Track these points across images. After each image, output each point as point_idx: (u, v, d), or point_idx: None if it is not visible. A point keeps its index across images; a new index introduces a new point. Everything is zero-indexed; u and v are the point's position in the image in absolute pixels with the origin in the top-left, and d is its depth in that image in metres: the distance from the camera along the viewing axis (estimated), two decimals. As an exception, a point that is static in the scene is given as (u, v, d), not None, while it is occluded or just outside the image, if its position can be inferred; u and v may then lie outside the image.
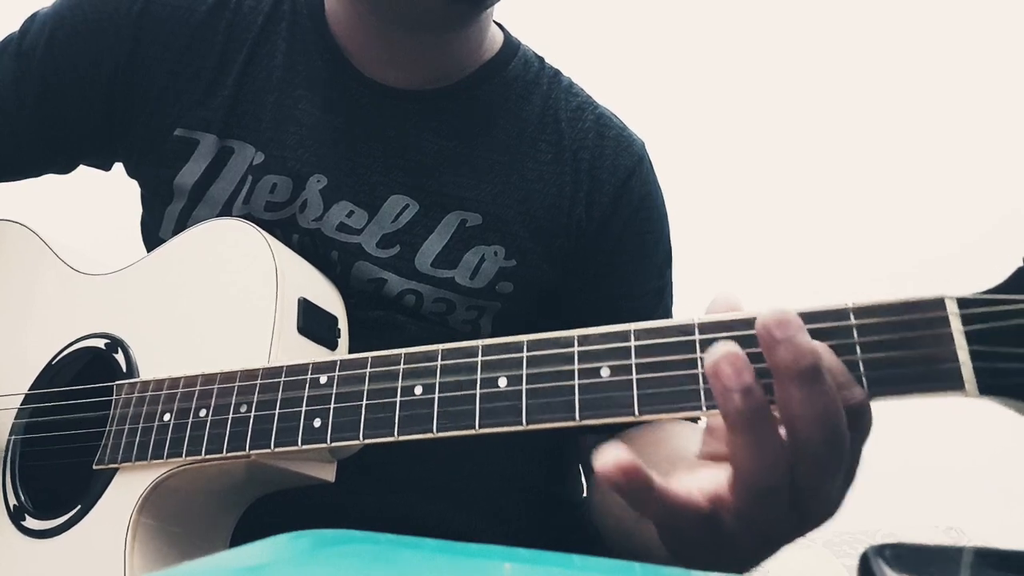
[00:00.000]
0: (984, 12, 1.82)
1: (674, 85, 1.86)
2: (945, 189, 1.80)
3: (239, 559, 0.37)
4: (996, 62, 1.82)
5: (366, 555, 0.36)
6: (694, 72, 1.89)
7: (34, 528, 0.61)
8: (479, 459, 0.70)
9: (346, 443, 0.50)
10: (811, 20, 1.89)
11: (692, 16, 1.91)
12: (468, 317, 0.72)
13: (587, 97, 0.78)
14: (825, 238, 1.83)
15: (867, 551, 0.32)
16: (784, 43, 1.89)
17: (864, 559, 0.32)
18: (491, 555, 0.34)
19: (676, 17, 1.90)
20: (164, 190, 0.72)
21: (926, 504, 1.59)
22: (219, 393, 0.56)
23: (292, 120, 0.71)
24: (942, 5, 1.84)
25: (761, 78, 1.88)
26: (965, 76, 1.83)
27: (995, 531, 1.34)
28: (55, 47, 0.73)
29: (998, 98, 1.81)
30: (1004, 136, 1.79)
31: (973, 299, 0.38)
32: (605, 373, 0.44)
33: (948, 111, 1.83)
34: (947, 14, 1.84)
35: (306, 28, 0.73)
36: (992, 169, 1.79)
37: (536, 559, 0.33)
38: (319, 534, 0.37)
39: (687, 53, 1.89)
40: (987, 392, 0.37)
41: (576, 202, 0.73)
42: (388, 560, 0.36)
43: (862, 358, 0.39)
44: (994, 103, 1.81)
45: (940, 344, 0.38)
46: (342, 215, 0.70)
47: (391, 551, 0.37)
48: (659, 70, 1.86)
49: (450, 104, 0.73)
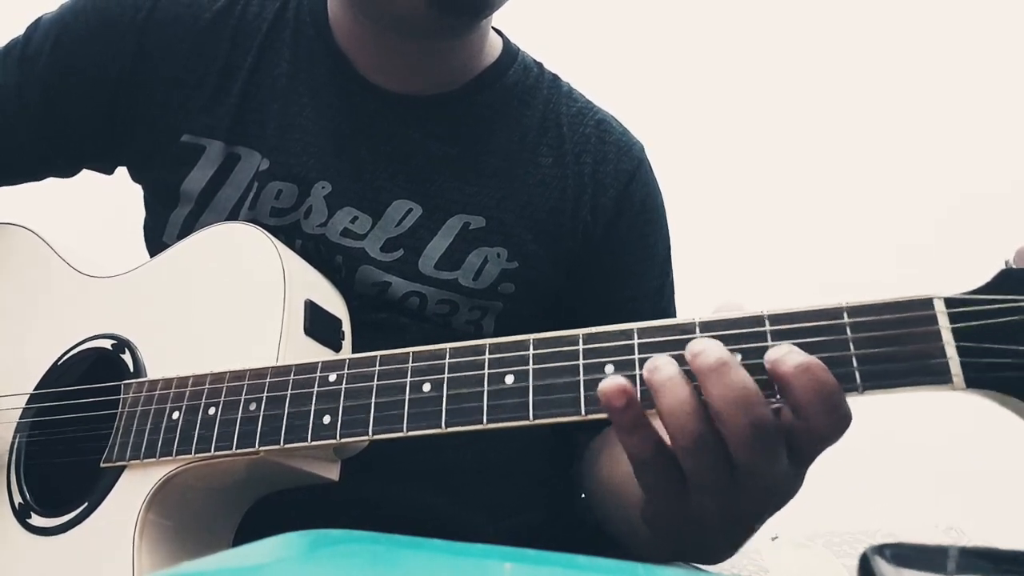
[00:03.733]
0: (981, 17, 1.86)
1: (670, 88, 1.88)
2: (939, 189, 1.83)
3: (241, 558, 0.37)
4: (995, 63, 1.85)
5: (367, 555, 0.37)
6: (690, 75, 1.90)
7: (40, 526, 0.61)
8: (480, 454, 0.72)
9: (355, 439, 0.52)
10: (809, 21, 1.91)
11: (687, 18, 1.93)
12: (471, 318, 0.73)
13: (586, 102, 0.81)
14: (821, 237, 1.85)
15: (867, 551, 0.33)
16: (782, 44, 1.91)
17: (864, 559, 0.33)
18: (492, 555, 0.35)
19: (671, 20, 1.92)
20: (170, 195, 0.73)
21: (926, 504, 1.60)
22: (228, 391, 0.57)
23: (297, 127, 0.72)
24: (942, 10, 1.88)
25: (758, 80, 1.90)
26: (964, 76, 1.85)
27: (995, 531, 1.36)
28: (60, 52, 0.73)
29: (998, 99, 1.84)
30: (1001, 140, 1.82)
31: (959, 299, 0.41)
32: (609, 370, 0.46)
33: (946, 111, 1.85)
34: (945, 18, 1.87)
35: (310, 35, 0.75)
36: (989, 174, 1.82)
37: (537, 559, 0.34)
38: (320, 534, 0.38)
39: (683, 56, 1.90)
40: (973, 385, 0.39)
41: (580, 206, 0.75)
42: (389, 560, 0.36)
43: (855, 354, 0.41)
44: (994, 104, 1.84)
45: (929, 341, 0.40)
46: (346, 221, 0.71)
47: (392, 551, 0.37)
48: (655, 73, 1.88)
49: (452, 109, 0.75)
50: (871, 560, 0.33)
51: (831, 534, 1.39)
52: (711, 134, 1.88)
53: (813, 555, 1.36)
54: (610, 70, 1.65)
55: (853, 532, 1.40)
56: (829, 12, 1.92)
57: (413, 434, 0.50)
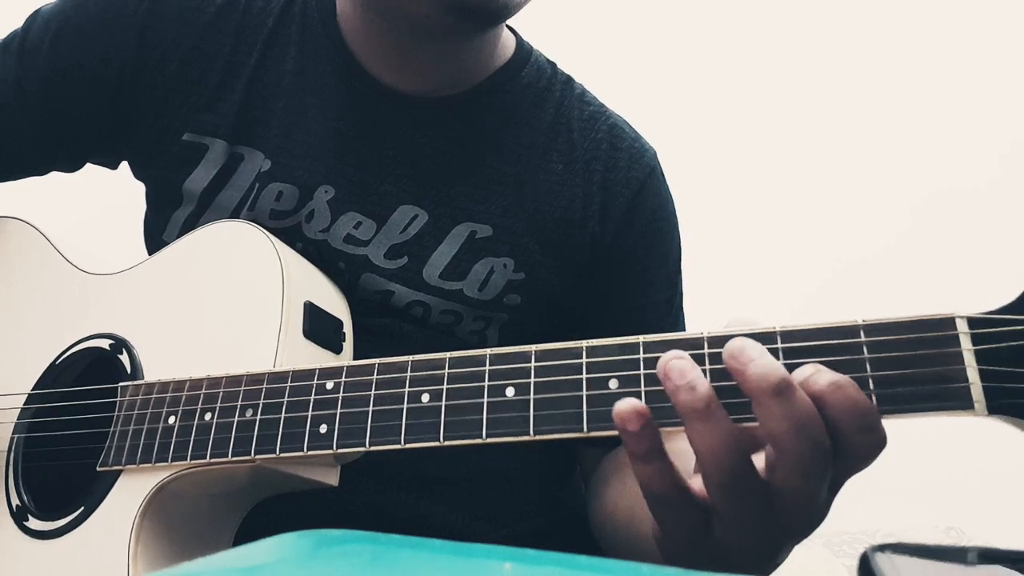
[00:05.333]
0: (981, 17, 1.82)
1: (685, 90, 1.85)
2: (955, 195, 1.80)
3: (240, 559, 0.37)
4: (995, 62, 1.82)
5: (367, 555, 0.36)
6: (703, 77, 1.88)
7: (37, 529, 0.61)
8: (481, 461, 0.70)
9: (353, 450, 0.50)
10: (827, 28, 1.88)
11: (705, 21, 1.90)
12: (475, 328, 0.72)
13: (600, 105, 0.78)
14: (834, 246, 1.83)
15: (867, 551, 0.32)
16: (796, 50, 1.88)
17: (864, 559, 0.32)
18: (492, 555, 0.34)
19: (688, 21, 1.89)
20: (172, 194, 0.72)
21: (926, 504, 1.59)
22: (224, 396, 0.55)
23: (301, 128, 0.70)
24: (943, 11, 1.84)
25: (771, 86, 1.88)
26: (964, 77, 1.82)
27: (995, 531, 1.34)
28: (60, 45, 0.72)
29: (997, 100, 1.81)
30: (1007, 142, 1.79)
31: (984, 318, 0.39)
32: (613, 384, 0.44)
33: (952, 113, 1.83)
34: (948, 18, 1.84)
35: (317, 32, 0.73)
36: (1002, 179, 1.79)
37: (538, 559, 0.33)
38: (320, 534, 0.37)
39: (699, 58, 1.88)
40: (996, 412, 0.37)
41: (589, 215, 0.73)
42: (389, 560, 0.36)
43: (872, 375, 0.39)
44: (993, 105, 1.81)
45: (950, 363, 0.38)
46: (349, 226, 0.69)
47: (392, 551, 0.37)
48: (670, 74, 1.85)
49: (462, 112, 0.72)
50: (871, 560, 0.32)
51: (831, 534, 1.38)
52: (723, 137, 1.85)
53: (813, 555, 1.35)
54: (624, 70, 1.62)
55: (853, 532, 1.39)
56: (849, 21, 1.88)
57: (411, 446, 0.49)
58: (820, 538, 1.39)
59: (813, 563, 1.34)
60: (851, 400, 0.38)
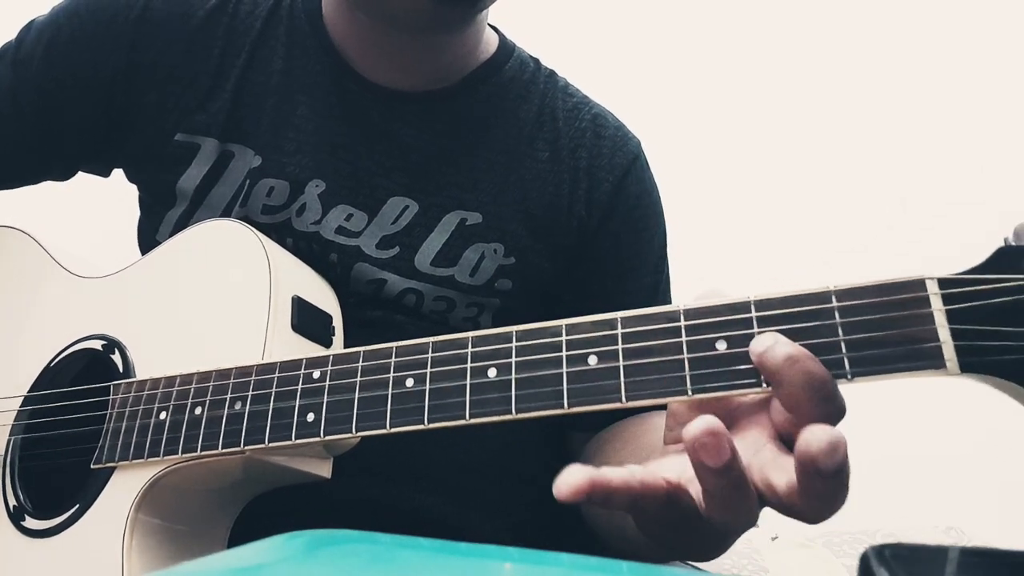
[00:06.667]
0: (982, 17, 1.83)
1: (667, 83, 1.87)
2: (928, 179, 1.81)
3: (237, 559, 0.37)
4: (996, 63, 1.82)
5: (364, 555, 0.37)
6: (684, 70, 1.89)
7: (33, 528, 0.61)
8: (476, 452, 0.71)
9: (339, 437, 0.51)
10: (803, 19, 1.90)
11: (682, 15, 1.91)
12: (468, 315, 0.72)
13: (583, 97, 0.79)
14: (817, 232, 1.83)
15: (867, 551, 0.32)
16: (776, 40, 1.89)
17: (864, 559, 0.32)
18: (490, 555, 0.35)
19: (666, 16, 1.91)
20: (166, 194, 0.73)
21: (926, 504, 1.58)
22: (214, 390, 0.56)
23: (290, 126, 0.71)
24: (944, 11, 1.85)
25: (752, 75, 1.89)
26: (963, 77, 1.83)
27: (995, 531, 1.33)
28: (53, 54, 0.73)
29: (997, 100, 1.81)
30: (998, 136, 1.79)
31: (953, 279, 0.39)
32: (593, 361, 0.45)
33: (939, 108, 1.83)
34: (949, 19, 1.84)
35: (304, 31, 0.74)
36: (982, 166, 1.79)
37: (536, 559, 0.33)
38: (320, 534, 0.37)
39: (679, 50, 1.89)
40: (968, 370, 0.37)
41: (575, 200, 0.74)
42: (386, 560, 0.36)
43: (844, 339, 0.40)
44: (993, 104, 1.81)
45: (921, 323, 0.38)
46: (341, 218, 0.70)
47: (389, 551, 0.37)
48: (650, 68, 1.87)
49: (448, 105, 0.74)
50: (871, 560, 0.32)
51: (831, 534, 1.37)
52: (707, 129, 1.86)
53: (813, 555, 1.33)
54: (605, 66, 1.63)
55: (853, 532, 1.38)
56: (822, 11, 1.89)
57: (396, 430, 0.49)
58: (820, 538, 1.38)
59: (813, 563, 1.33)
60: (807, 372, 0.38)
